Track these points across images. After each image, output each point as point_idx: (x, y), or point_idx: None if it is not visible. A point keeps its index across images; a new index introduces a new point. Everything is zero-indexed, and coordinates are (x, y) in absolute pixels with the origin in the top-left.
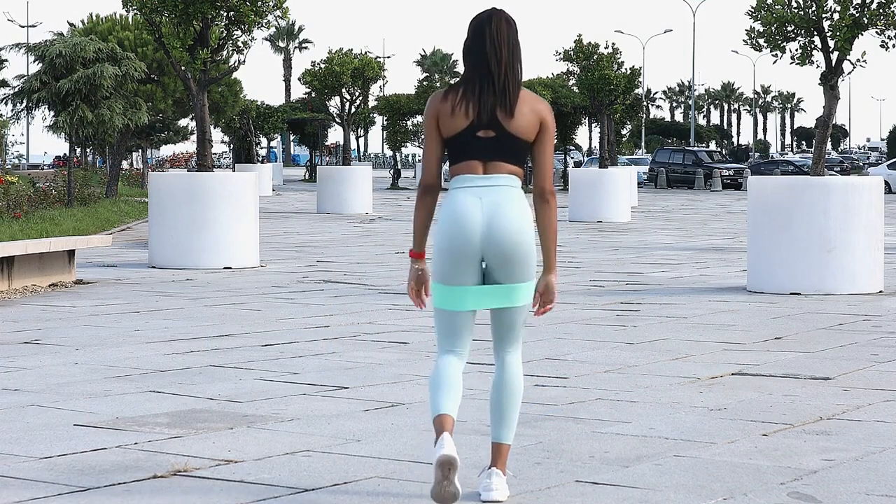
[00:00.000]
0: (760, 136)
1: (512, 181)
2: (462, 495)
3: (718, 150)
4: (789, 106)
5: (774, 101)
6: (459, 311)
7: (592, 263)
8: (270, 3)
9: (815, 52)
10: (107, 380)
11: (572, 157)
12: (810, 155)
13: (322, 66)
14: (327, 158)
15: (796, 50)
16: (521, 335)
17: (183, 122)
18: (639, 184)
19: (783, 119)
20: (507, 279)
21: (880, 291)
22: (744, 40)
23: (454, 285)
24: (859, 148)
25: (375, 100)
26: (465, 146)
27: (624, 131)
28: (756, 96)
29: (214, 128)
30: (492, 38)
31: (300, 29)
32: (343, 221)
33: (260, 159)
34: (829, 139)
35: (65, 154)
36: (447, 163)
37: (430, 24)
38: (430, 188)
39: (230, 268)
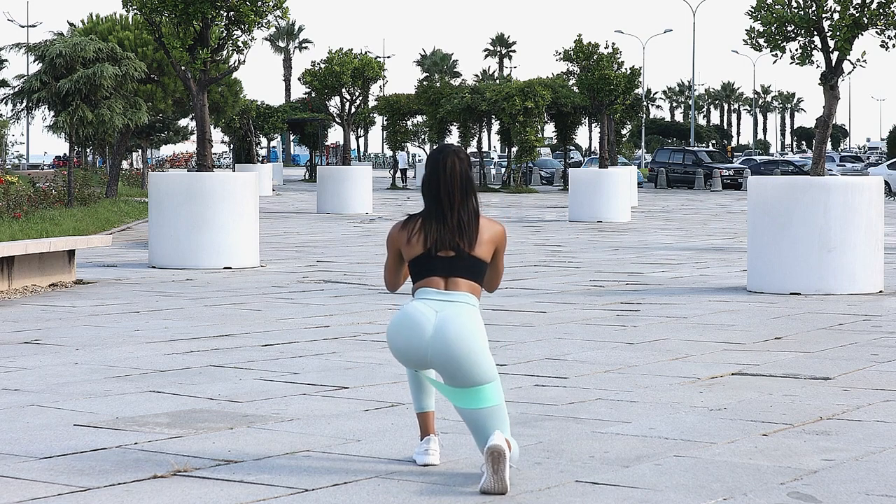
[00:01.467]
0: (760, 136)
1: (470, 299)
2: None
3: (719, 149)
4: (789, 106)
5: (774, 101)
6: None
7: (592, 263)
8: (270, 3)
9: (815, 52)
10: (107, 380)
11: (571, 158)
12: (810, 155)
13: (322, 66)
14: (331, 160)
15: (796, 50)
16: (503, 423)
17: (183, 122)
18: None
19: (783, 119)
20: (457, 383)
21: (880, 291)
22: (744, 40)
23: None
24: (859, 148)
25: (375, 100)
26: (427, 265)
27: (624, 131)
28: (756, 96)
29: (214, 128)
30: (445, 178)
31: (300, 29)
32: (343, 221)
33: (260, 159)
34: (829, 139)
35: (65, 154)
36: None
37: (430, 24)
38: (394, 288)
39: (230, 268)
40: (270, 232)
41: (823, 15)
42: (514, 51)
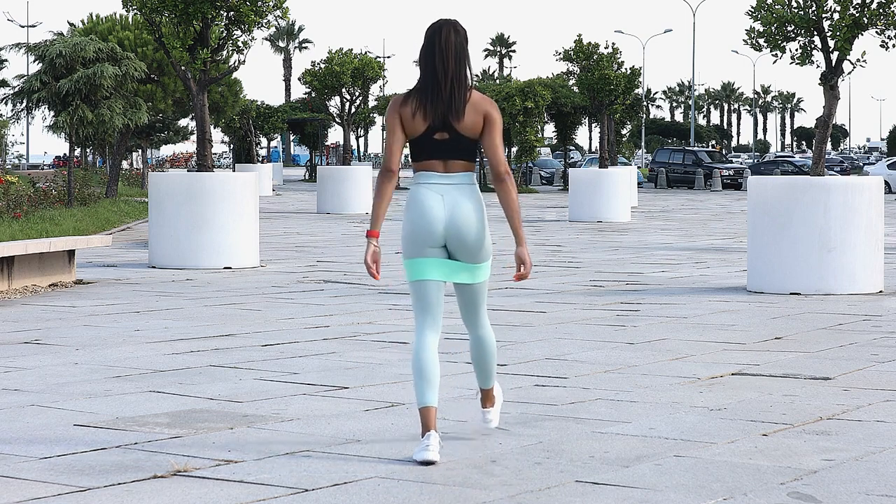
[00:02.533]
0: (760, 136)
1: (467, 178)
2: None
3: (719, 149)
4: (789, 106)
5: (774, 101)
6: (429, 281)
7: (592, 263)
8: (270, 3)
9: (815, 51)
10: (107, 380)
11: (572, 158)
12: (810, 155)
13: (322, 65)
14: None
15: (796, 50)
16: (485, 307)
17: (183, 122)
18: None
19: (783, 119)
20: (467, 260)
21: (880, 291)
22: (744, 40)
23: (420, 258)
24: (859, 148)
25: (375, 100)
26: (425, 147)
27: (624, 131)
28: (756, 96)
29: (214, 128)
30: (440, 49)
31: (300, 29)
32: (343, 221)
33: (260, 159)
34: (829, 139)
35: (65, 154)
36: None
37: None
38: (390, 174)
39: (230, 268)
40: (270, 232)
41: (823, 15)
42: (514, 51)
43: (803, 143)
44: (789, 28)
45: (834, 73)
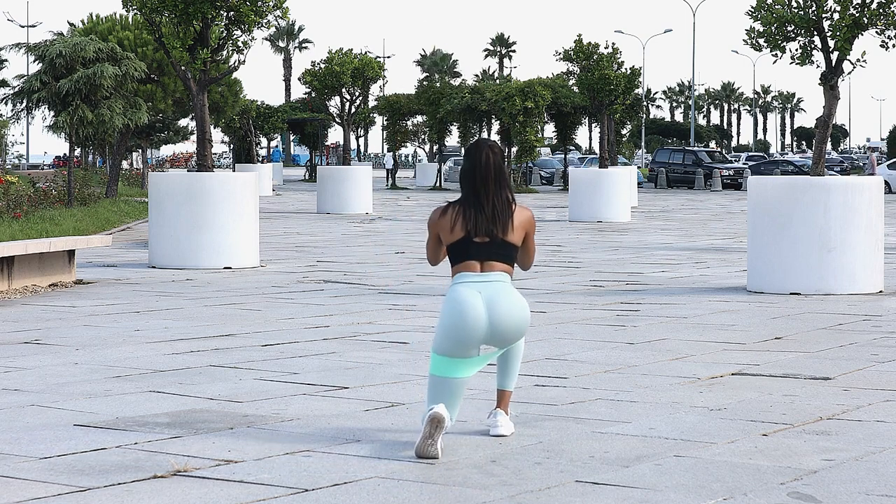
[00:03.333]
0: (760, 136)
1: (504, 277)
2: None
3: (719, 150)
4: (789, 106)
5: (774, 101)
6: (457, 379)
7: (592, 263)
8: (270, 3)
9: (815, 51)
10: (107, 380)
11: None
12: (810, 155)
13: (322, 65)
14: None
15: (796, 50)
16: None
17: (183, 122)
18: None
19: (783, 119)
20: (503, 346)
21: (880, 291)
22: (744, 40)
23: (456, 358)
24: (859, 148)
25: (375, 100)
26: (464, 250)
27: (624, 131)
28: (756, 96)
29: (214, 128)
30: (480, 170)
31: (300, 29)
32: (343, 221)
33: (260, 159)
34: (829, 139)
35: (65, 154)
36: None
37: (430, 23)
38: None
39: (230, 268)
40: (270, 232)
41: (823, 15)
42: (514, 51)
43: (803, 143)
44: (789, 28)
45: (834, 73)
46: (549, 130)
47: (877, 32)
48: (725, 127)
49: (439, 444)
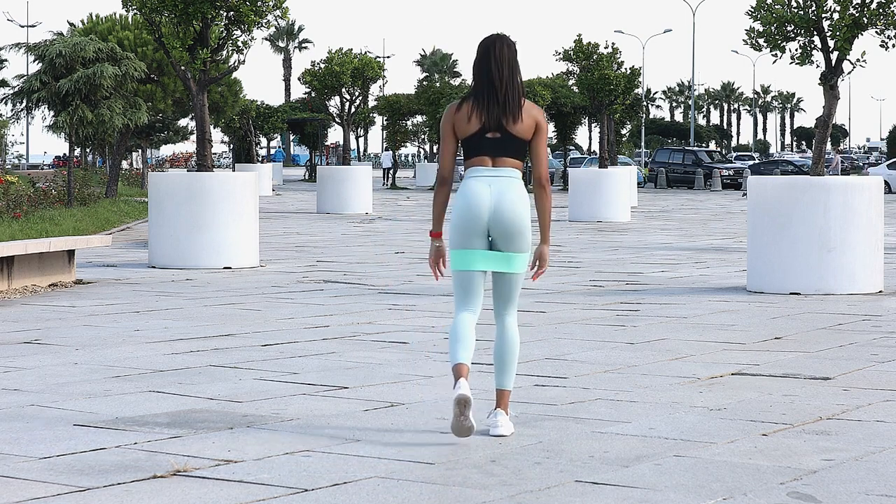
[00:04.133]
0: (760, 136)
1: (514, 173)
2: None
3: (719, 149)
4: (789, 106)
5: (774, 101)
6: (471, 271)
7: (592, 263)
8: (270, 3)
9: (814, 51)
10: (106, 380)
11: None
12: (810, 155)
13: (322, 65)
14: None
15: (796, 50)
16: (516, 300)
17: (183, 122)
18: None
19: (783, 119)
20: (507, 248)
21: (880, 291)
22: (744, 40)
23: (466, 248)
24: (859, 148)
25: (375, 100)
26: (477, 145)
27: (624, 131)
28: (756, 96)
29: (214, 128)
30: (496, 59)
31: (300, 29)
32: (343, 221)
33: (260, 159)
34: (829, 139)
35: (64, 154)
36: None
37: (429, 24)
38: (446, 181)
39: (230, 268)
40: (270, 232)
41: (823, 15)
42: None
43: (803, 143)
44: (789, 28)
45: (834, 73)
46: (549, 130)
47: (876, 32)
48: (725, 127)
49: (472, 419)
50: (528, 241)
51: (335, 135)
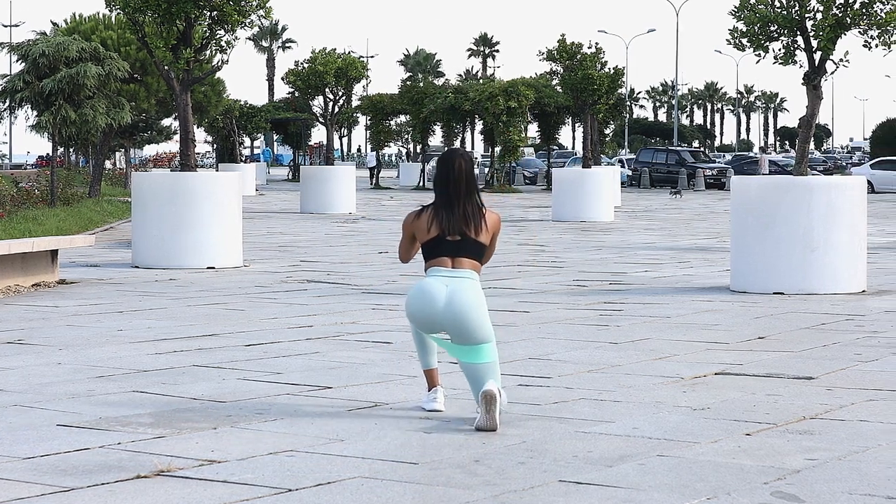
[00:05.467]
0: (744, 135)
1: (472, 275)
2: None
3: (703, 149)
4: (772, 106)
5: (758, 101)
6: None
7: (575, 263)
8: (254, 3)
9: (798, 51)
10: (90, 380)
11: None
12: (792, 155)
13: (305, 65)
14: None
15: (779, 50)
16: (496, 379)
17: (166, 121)
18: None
19: (766, 119)
20: (464, 342)
21: (863, 291)
22: (727, 40)
23: (423, 332)
24: (842, 148)
25: (359, 99)
26: (437, 247)
27: (607, 131)
28: (739, 96)
29: (197, 127)
30: (453, 178)
31: (283, 28)
32: (326, 221)
33: (244, 159)
34: (812, 139)
35: (48, 154)
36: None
37: (413, 23)
38: (405, 262)
39: (213, 268)
40: (254, 232)
41: (806, 15)
42: (497, 50)
43: (786, 142)
44: (772, 28)
45: (817, 73)
46: (533, 130)
47: (859, 32)
48: (709, 127)
49: (497, 417)
50: (487, 331)
51: (319, 135)
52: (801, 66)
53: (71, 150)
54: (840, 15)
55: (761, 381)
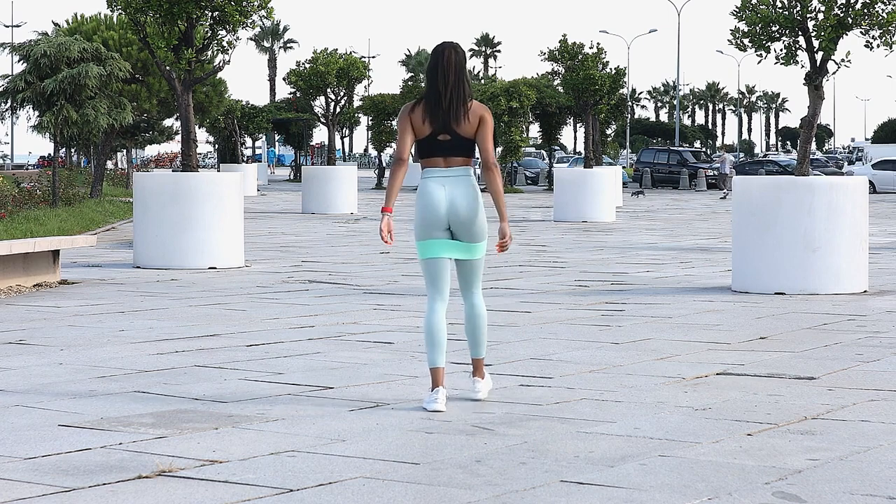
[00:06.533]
0: (745, 136)
1: (465, 171)
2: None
3: (704, 150)
4: (774, 106)
5: (759, 101)
6: (437, 259)
7: (577, 263)
8: (255, 3)
9: (799, 51)
10: (91, 380)
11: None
12: (794, 155)
13: (307, 66)
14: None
15: (781, 50)
16: (479, 280)
17: (168, 122)
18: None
19: (768, 119)
20: (466, 238)
21: (864, 291)
22: (728, 40)
23: (430, 239)
24: (843, 148)
25: (360, 100)
26: (430, 147)
27: (609, 131)
28: (741, 96)
29: (199, 128)
30: (443, 66)
31: (285, 29)
32: (328, 221)
33: (245, 159)
34: (814, 139)
35: (49, 154)
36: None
37: (414, 24)
38: (402, 161)
39: (215, 268)
40: (255, 232)
41: (808, 15)
42: (498, 51)
43: (788, 142)
44: (774, 28)
45: (818, 74)
46: (534, 130)
47: (861, 32)
48: (710, 127)
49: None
50: (483, 229)
51: (320, 135)
52: (802, 67)
53: (72, 150)
54: (842, 15)
55: (763, 381)
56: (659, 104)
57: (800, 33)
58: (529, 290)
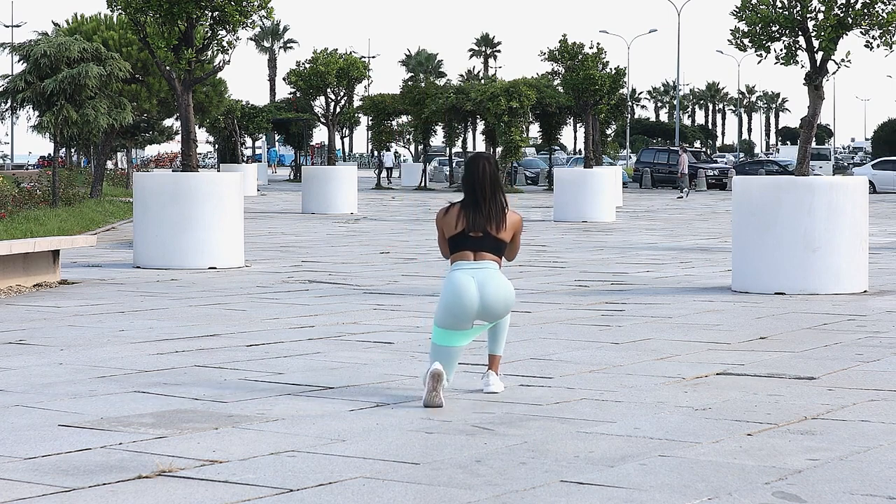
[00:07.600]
0: (745, 136)
1: (493, 265)
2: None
3: (704, 150)
4: (774, 106)
5: (759, 101)
6: (454, 347)
7: (577, 263)
8: (255, 3)
9: (799, 51)
10: (91, 380)
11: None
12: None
13: (307, 66)
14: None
15: (781, 50)
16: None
17: (168, 121)
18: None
19: (768, 119)
20: (494, 320)
21: (864, 291)
22: (728, 40)
23: (452, 330)
24: (844, 148)
25: (360, 100)
26: (462, 242)
27: (609, 131)
28: (741, 96)
29: (199, 128)
30: (478, 179)
31: (285, 29)
32: (328, 221)
33: (245, 159)
34: (814, 139)
35: (49, 154)
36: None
37: (415, 24)
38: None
39: (215, 268)
40: (255, 232)
41: (808, 15)
42: (498, 51)
43: (788, 142)
44: (774, 28)
45: (818, 74)
46: (534, 130)
47: (861, 32)
48: (710, 127)
49: (441, 395)
50: (512, 305)
51: (320, 135)
52: (802, 67)
53: (72, 150)
54: (841, 15)
55: (763, 381)
56: (659, 104)
57: (800, 33)
58: (530, 290)
